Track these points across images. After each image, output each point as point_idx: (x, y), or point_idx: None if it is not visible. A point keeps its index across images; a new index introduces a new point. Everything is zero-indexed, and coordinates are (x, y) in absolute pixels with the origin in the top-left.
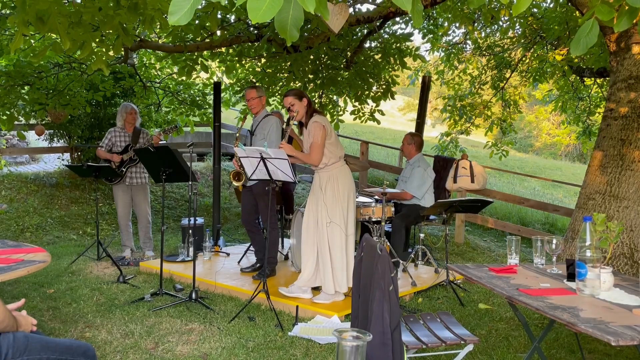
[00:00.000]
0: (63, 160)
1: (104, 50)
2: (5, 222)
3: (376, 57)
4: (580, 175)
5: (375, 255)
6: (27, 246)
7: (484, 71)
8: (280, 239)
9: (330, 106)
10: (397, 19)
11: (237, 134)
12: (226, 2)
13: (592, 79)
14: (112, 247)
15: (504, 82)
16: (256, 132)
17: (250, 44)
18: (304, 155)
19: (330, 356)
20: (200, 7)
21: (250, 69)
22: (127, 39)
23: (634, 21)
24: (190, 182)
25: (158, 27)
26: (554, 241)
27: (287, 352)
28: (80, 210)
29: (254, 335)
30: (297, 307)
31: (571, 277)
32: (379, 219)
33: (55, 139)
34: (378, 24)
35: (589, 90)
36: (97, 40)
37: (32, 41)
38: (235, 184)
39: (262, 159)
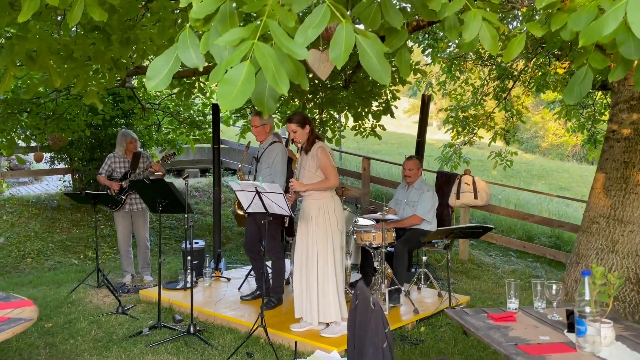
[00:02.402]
0: (65, 182)
1: (94, 83)
2: (6, 248)
3: None
4: (587, 177)
5: (368, 309)
6: (16, 298)
7: (486, 82)
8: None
9: (331, 122)
10: None
11: (240, 165)
12: (202, 68)
13: (594, 91)
14: (113, 272)
15: (507, 92)
16: (261, 160)
17: None
18: (320, 183)
19: None
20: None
21: None
22: (120, 73)
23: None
24: (186, 215)
25: (151, 57)
26: (554, 287)
27: None
28: (82, 233)
29: None
30: (295, 342)
31: (571, 327)
32: (379, 245)
33: (55, 161)
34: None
35: (594, 97)
36: (90, 73)
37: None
38: (240, 212)
39: (257, 193)
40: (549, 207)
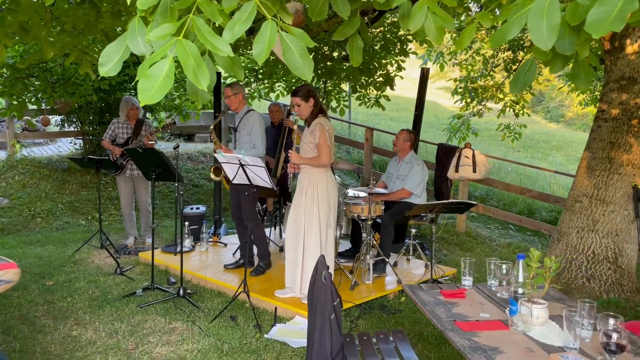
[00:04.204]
0: (75, 144)
1: (88, 57)
2: (17, 208)
3: (375, 47)
4: None
5: (321, 283)
6: (1, 260)
7: (496, 53)
8: (277, 229)
9: (335, 91)
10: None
11: (211, 132)
12: (148, 54)
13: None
14: (118, 233)
15: (517, 64)
16: (239, 129)
17: (246, 37)
18: (313, 159)
19: None
20: None
21: (251, 58)
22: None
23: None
24: (176, 183)
25: None
26: (504, 267)
27: (260, 356)
28: (90, 195)
29: (231, 337)
30: (275, 308)
31: None
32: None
33: (66, 124)
34: (373, 17)
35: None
36: (84, 43)
37: None
38: (214, 178)
39: (241, 165)
40: (559, 181)
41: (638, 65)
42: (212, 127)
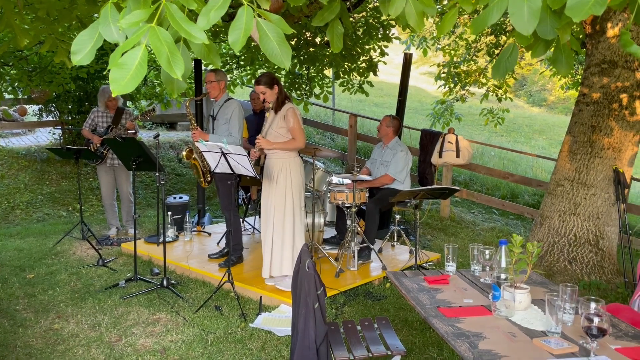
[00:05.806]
0: (54, 134)
1: (63, 45)
2: None
3: (358, 33)
4: None
5: (305, 272)
6: None
7: (479, 38)
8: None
9: (318, 78)
10: None
11: (189, 116)
12: (121, 42)
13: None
14: (100, 224)
15: (500, 48)
16: (218, 117)
17: (225, 22)
18: (287, 143)
19: (286, 350)
20: None
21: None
22: None
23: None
24: (157, 173)
25: None
26: (487, 252)
27: (245, 345)
28: (70, 185)
29: (216, 327)
30: (260, 297)
31: None
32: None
33: (44, 114)
34: (355, 1)
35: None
36: (60, 31)
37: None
38: (184, 159)
39: (223, 154)
40: (544, 165)
41: (619, 48)
42: (187, 102)
